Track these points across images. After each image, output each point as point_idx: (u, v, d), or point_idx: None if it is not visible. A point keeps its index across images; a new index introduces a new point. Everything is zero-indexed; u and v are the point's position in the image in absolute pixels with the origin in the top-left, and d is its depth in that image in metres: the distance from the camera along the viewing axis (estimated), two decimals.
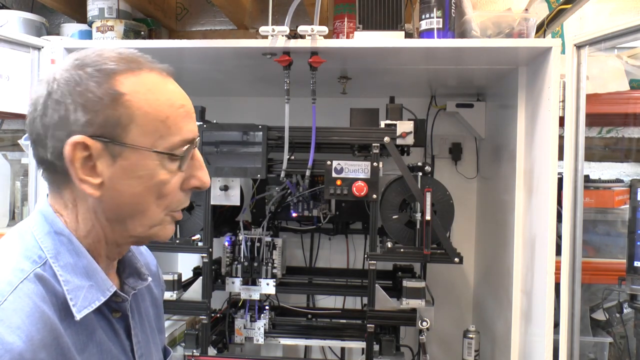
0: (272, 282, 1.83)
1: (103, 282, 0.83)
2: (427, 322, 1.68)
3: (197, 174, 0.87)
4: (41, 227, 0.82)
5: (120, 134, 0.79)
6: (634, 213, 1.56)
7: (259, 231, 1.89)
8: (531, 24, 1.58)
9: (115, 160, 0.79)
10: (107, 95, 0.78)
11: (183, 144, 0.83)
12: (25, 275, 0.76)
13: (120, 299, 0.86)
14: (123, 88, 0.79)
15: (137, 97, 0.80)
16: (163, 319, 1.09)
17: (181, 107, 0.84)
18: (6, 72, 1.65)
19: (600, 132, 2.34)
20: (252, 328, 1.88)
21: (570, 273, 1.48)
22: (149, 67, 0.83)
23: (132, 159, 0.80)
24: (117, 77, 0.79)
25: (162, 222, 0.86)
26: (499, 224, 1.92)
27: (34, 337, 0.71)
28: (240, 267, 1.84)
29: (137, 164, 0.80)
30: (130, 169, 0.80)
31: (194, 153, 0.87)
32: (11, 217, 2.21)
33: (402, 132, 1.69)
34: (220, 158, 1.73)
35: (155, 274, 1.06)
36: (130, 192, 0.81)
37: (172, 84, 0.86)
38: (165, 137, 0.81)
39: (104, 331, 0.84)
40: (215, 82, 2.13)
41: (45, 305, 0.75)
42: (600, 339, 1.93)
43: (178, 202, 0.86)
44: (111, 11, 1.98)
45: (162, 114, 0.81)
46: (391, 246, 1.71)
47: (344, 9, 1.75)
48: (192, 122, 0.86)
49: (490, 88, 2.13)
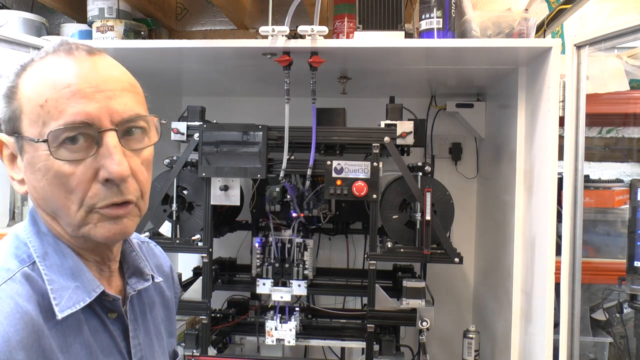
0: (303, 284, 1.81)
1: (89, 283, 0.80)
2: (427, 322, 1.68)
3: (104, 162, 0.75)
4: (30, 227, 0.82)
5: (19, 127, 0.76)
6: (634, 213, 1.56)
7: (289, 232, 1.88)
8: (531, 24, 1.58)
9: (22, 155, 0.77)
10: (9, 90, 0.77)
11: (65, 129, 0.73)
12: (10, 275, 0.76)
13: (112, 298, 0.83)
14: (21, 79, 0.76)
15: (25, 85, 0.76)
16: (175, 322, 1.06)
17: (66, 87, 0.73)
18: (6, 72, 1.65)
19: (600, 132, 2.34)
20: (283, 330, 1.84)
21: (570, 273, 1.48)
22: (60, 50, 0.77)
23: (30, 151, 0.76)
24: (27, 69, 0.77)
25: (87, 220, 0.77)
26: (499, 224, 1.91)
27: (10, 338, 0.70)
28: (271, 268, 1.82)
29: (33, 156, 0.75)
30: (31, 162, 0.76)
31: (104, 138, 0.75)
32: (11, 217, 2.20)
33: (402, 132, 1.69)
34: (220, 158, 1.73)
35: (167, 276, 1.04)
36: (39, 186, 0.76)
37: (75, 63, 0.76)
38: (48, 123, 0.73)
39: (95, 332, 0.81)
40: (215, 82, 2.13)
41: (30, 305, 0.74)
42: (600, 339, 1.93)
43: (96, 196, 0.76)
44: (111, 11, 1.98)
45: (41, 97, 0.73)
46: (391, 246, 1.71)
47: (344, 9, 1.75)
48: (85, 102, 0.74)
49: (490, 88, 2.13)
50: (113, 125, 0.76)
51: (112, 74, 0.79)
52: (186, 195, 1.82)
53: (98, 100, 0.75)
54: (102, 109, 0.75)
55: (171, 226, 1.81)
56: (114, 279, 0.89)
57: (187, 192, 1.82)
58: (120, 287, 0.90)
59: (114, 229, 0.78)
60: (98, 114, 0.75)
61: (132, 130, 0.79)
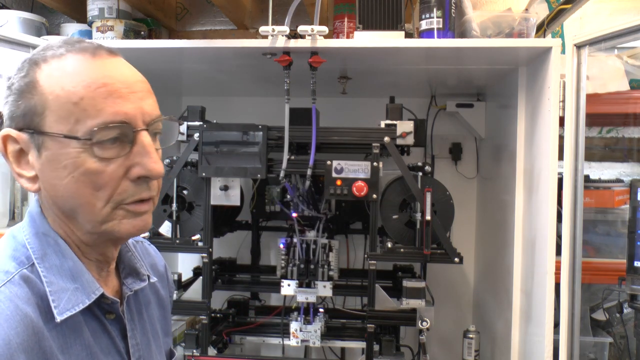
0: (329, 285, 1.79)
1: (89, 285, 0.80)
2: (427, 322, 1.68)
3: (141, 160, 0.77)
4: (29, 228, 0.81)
5: (39, 122, 0.75)
6: (634, 213, 1.56)
7: (313, 233, 1.86)
8: (531, 24, 1.58)
9: (41, 151, 0.76)
10: (25, 85, 0.76)
11: (105, 127, 0.74)
12: (8, 277, 0.75)
13: (110, 301, 0.83)
14: (40, 75, 0.76)
15: (49, 81, 0.75)
16: (170, 321, 1.06)
17: (102, 87, 0.75)
18: (6, 72, 1.65)
19: (600, 132, 2.34)
20: (308, 331, 1.83)
21: (570, 273, 1.48)
22: (79, 48, 0.78)
23: (53, 148, 0.75)
24: (41, 65, 0.77)
25: (112, 217, 0.78)
26: (499, 224, 1.91)
27: (11, 341, 0.69)
28: (296, 269, 1.80)
29: (59, 153, 0.75)
30: (54, 159, 0.76)
31: (138, 137, 0.77)
32: (11, 217, 2.20)
33: (402, 132, 1.69)
34: (220, 158, 1.73)
35: (162, 275, 1.04)
36: (61, 184, 0.76)
37: (102, 63, 0.78)
38: (83, 121, 0.74)
39: (94, 333, 0.82)
40: (215, 82, 2.13)
41: (29, 308, 0.73)
42: (600, 339, 1.93)
43: (125, 192, 0.77)
44: (111, 11, 1.98)
45: (74, 95, 0.74)
46: (391, 246, 1.71)
47: (344, 9, 1.75)
48: (122, 102, 0.76)
49: (490, 88, 2.13)
50: (145, 125, 0.78)
51: (137, 76, 0.82)
52: (186, 195, 1.82)
53: (132, 100, 0.77)
54: (137, 109, 0.78)
55: (171, 226, 1.81)
56: (111, 279, 0.89)
57: (187, 192, 1.82)
58: (117, 287, 0.89)
59: (137, 224, 0.80)
60: (134, 114, 0.77)
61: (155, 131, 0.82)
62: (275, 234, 2.23)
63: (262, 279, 2.14)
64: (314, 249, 1.82)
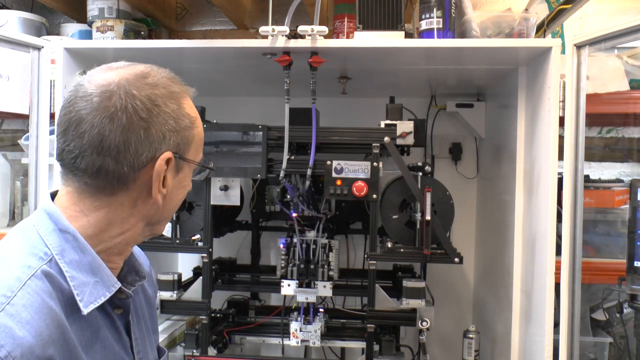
0: (329, 285, 1.79)
1: (108, 278, 0.85)
2: (427, 322, 1.68)
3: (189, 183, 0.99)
4: (46, 225, 0.83)
5: (186, 151, 0.90)
6: (634, 213, 1.56)
7: (313, 233, 1.86)
8: (531, 24, 1.58)
9: (177, 173, 0.90)
10: (186, 117, 0.89)
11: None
12: (32, 271, 0.77)
13: (125, 295, 0.88)
14: (192, 112, 0.92)
15: (198, 120, 0.93)
16: (157, 319, 1.11)
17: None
18: (6, 72, 1.65)
19: (600, 132, 2.34)
20: (308, 331, 1.83)
21: (570, 273, 1.48)
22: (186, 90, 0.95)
23: (186, 171, 0.92)
24: (182, 100, 0.90)
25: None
26: (499, 224, 1.92)
27: (43, 333, 0.72)
28: (296, 269, 1.80)
29: (186, 176, 0.93)
30: (182, 180, 0.92)
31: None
32: (11, 217, 2.21)
33: (402, 132, 1.69)
34: (220, 158, 1.73)
35: (148, 275, 1.07)
36: (178, 199, 0.94)
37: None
38: (199, 152, 0.95)
39: (107, 327, 0.86)
40: (215, 82, 2.13)
41: (52, 302, 0.76)
42: (600, 339, 1.93)
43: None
44: (111, 11, 1.98)
45: (202, 132, 0.95)
46: (391, 246, 1.71)
47: (344, 9, 1.75)
48: None
49: (490, 88, 2.13)
50: None
51: None
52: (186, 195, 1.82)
53: None
54: None
55: (171, 226, 1.81)
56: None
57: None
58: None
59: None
60: None
61: None
62: (275, 234, 2.24)
63: (262, 279, 2.15)
64: (314, 249, 1.82)
